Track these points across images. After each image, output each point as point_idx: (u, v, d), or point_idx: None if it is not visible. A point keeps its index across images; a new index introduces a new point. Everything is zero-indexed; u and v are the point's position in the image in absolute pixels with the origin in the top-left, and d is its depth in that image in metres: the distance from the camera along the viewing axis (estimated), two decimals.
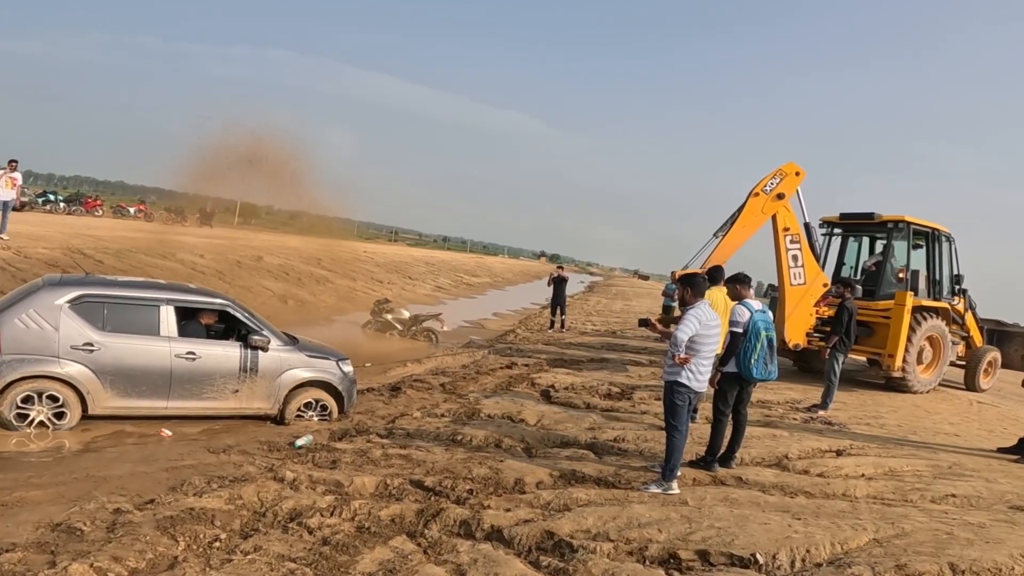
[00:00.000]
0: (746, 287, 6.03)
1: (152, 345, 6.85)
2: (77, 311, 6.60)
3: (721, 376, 5.76)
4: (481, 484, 5.28)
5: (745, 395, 5.96)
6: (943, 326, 11.35)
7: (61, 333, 6.48)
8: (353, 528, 4.49)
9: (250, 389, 7.34)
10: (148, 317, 6.90)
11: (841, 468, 6.03)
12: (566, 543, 4.17)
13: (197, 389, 7.07)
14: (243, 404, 7.35)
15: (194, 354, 7.01)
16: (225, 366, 7.19)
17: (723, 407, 5.81)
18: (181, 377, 6.94)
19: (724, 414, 5.80)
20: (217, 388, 7.17)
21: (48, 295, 6.62)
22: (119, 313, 6.79)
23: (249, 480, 5.31)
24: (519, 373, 10.45)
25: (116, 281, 7.83)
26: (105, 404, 6.71)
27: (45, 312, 6.48)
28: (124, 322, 6.79)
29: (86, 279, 7.59)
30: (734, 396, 5.83)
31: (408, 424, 7.29)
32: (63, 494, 5.10)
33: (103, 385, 6.64)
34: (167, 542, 4.12)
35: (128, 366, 6.73)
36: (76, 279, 7.51)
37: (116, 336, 6.71)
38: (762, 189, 10.97)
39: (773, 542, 4.23)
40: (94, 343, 6.59)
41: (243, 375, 7.26)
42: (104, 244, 16.88)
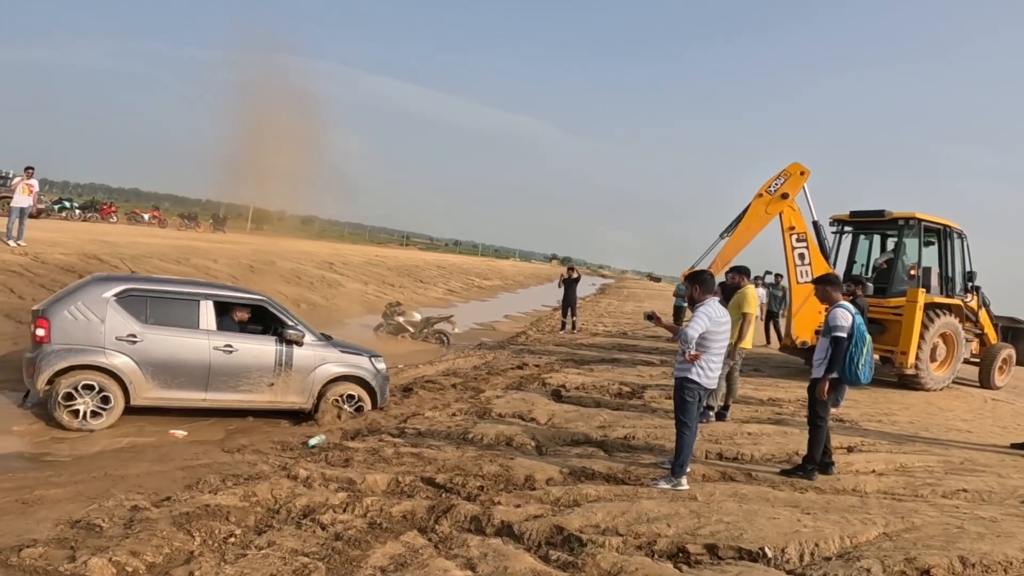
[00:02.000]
0: (837, 289, 5.81)
1: (192, 338, 7.11)
2: (122, 304, 6.89)
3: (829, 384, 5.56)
4: (491, 481, 5.33)
5: (839, 399, 5.92)
6: (956, 323, 11.28)
7: (107, 325, 6.77)
8: (365, 524, 4.54)
9: (285, 383, 7.51)
10: (188, 311, 7.19)
11: (851, 464, 6.02)
12: (575, 537, 4.21)
13: (234, 381, 7.29)
14: (278, 397, 7.55)
15: (231, 347, 7.24)
16: (261, 360, 7.40)
17: (823, 413, 5.62)
18: (219, 369, 7.17)
19: (825, 420, 5.63)
20: (253, 381, 7.38)
21: (96, 289, 6.98)
22: (161, 307, 7.09)
23: (263, 478, 5.39)
24: (530, 373, 10.49)
25: (159, 278, 8.34)
26: (146, 395, 6.95)
27: (93, 304, 6.79)
28: (166, 316, 7.08)
29: (132, 276, 8.08)
30: (832, 401, 5.71)
31: (420, 423, 7.34)
32: (82, 492, 5.19)
33: (145, 376, 6.89)
34: (183, 537, 4.20)
35: (169, 358, 6.99)
36: (123, 276, 8.10)
37: (158, 329, 6.98)
38: (766, 190, 11.32)
39: (782, 536, 4.25)
40: (137, 335, 6.86)
41: (278, 369, 7.46)
42: (119, 250, 17.07)
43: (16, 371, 8.34)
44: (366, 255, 36.07)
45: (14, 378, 8.15)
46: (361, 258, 32.46)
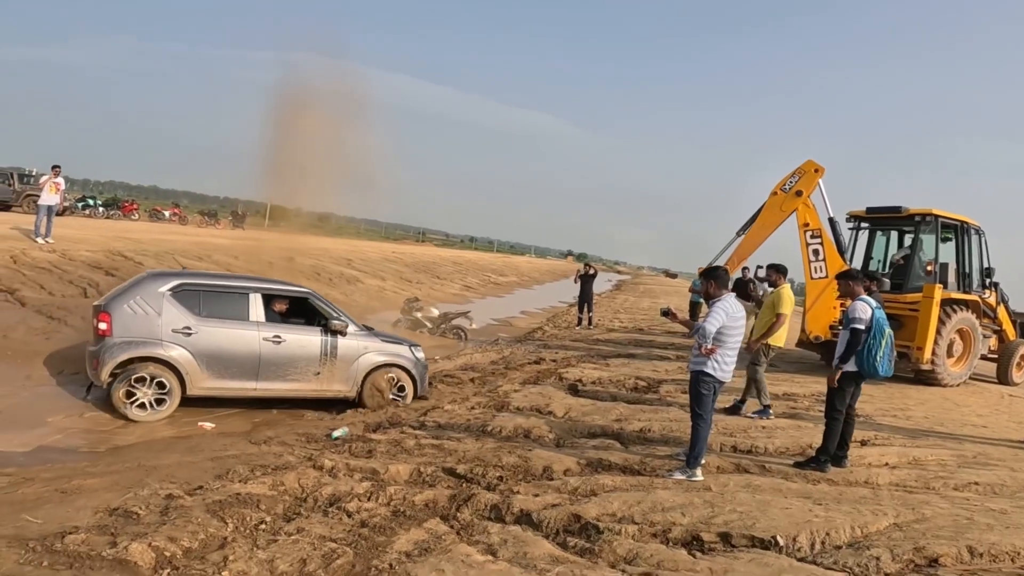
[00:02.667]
0: (858, 283, 5.89)
1: (242, 329, 7.45)
2: (177, 298, 7.25)
3: (841, 374, 5.68)
4: (510, 471, 5.48)
5: (858, 393, 5.92)
6: (973, 319, 11.29)
7: (163, 318, 7.12)
8: (389, 512, 4.71)
9: (330, 372, 7.84)
10: (239, 304, 7.53)
11: (864, 457, 6.12)
12: (592, 525, 4.36)
13: (283, 371, 7.61)
14: (324, 386, 7.86)
15: (280, 338, 7.57)
16: (308, 349, 7.72)
17: (840, 406, 5.72)
18: (268, 359, 7.50)
19: (841, 413, 5.72)
20: (301, 370, 7.70)
21: (152, 283, 7.36)
22: (213, 300, 7.44)
23: (290, 468, 5.58)
24: (547, 368, 10.64)
25: (210, 273, 8.96)
26: (201, 385, 7.27)
27: (150, 299, 7.15)
28: (217, 308, 7.43)
29: (184, 272, 8.63)
30: (850, 394, 5.80)
31: (439, 416, 7.51)
32: (117, 482, 5.41)
33: (200, 366, 7.22)
34: (217, 524, 4.39)
35: (221, 348, 7.33)
36: (175, 271, 8.64)
37: (211, 321, 7.32)
38: (781, 188, 11.57)
39: (794, 525, 4.37)
40: (192, 327, 7.19)
41: (324, 358, 7.79)
42: (143, 247, 17.39)
43: (70, 363, 8.69)
44: (383, 251, 36.35)
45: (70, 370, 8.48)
46: (378, 254, 32.73)
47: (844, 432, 5.78)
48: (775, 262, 7.96)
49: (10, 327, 9.59)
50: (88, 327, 10.61)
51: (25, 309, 10.46)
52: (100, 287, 12.55)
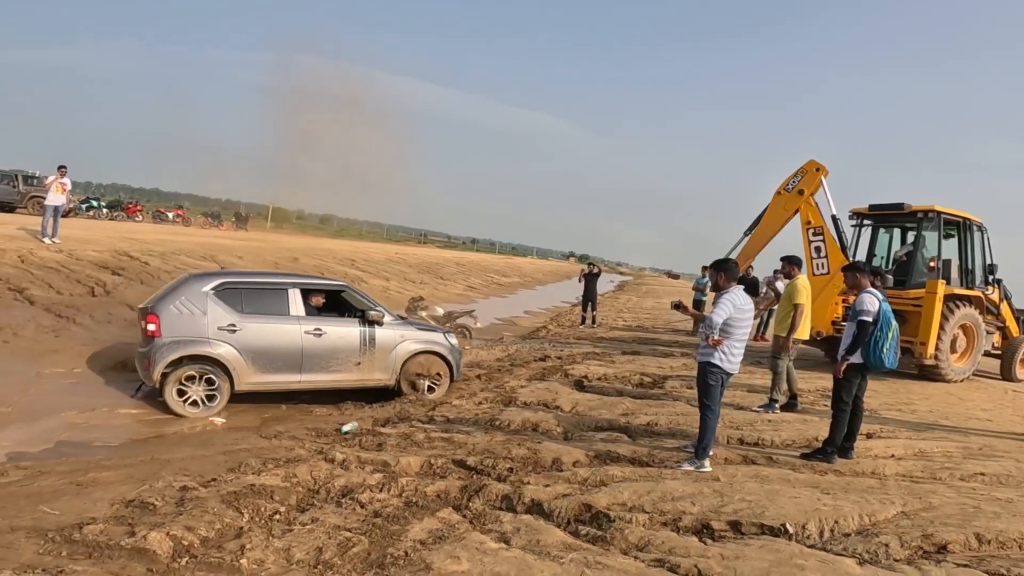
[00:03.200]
0: (865, 276, 5.91)
1: (284, 324, 7.67)
2: (220, 297, 7.46)
3: (847, 366, 5.70)
4: (520, 463, 5.54)
5: (864, 384, 5.93)
6: (976, 315, 11.32)
7: (209, 317, 7.33)
8: (402, 502, 4.77)
9: (370, 361, 8.09)
10: (279, 299, 7.76)
11: (871, 450, 6.16)
12: (603, 514, 4.41)
13: (325, 363, 7.83)
14: (365, 376, 8.11)
15: (321, 330, 7.79)
16: (347, 340, 7.96)
17: (846, 397, 5.75)
18: (311, 352, 7.71)
19: (847, 404, 5.75)
20: (342, 361, 7.93)
21: (196, 284, 7.57)
22: (254, 297, 7.66)
23: (302, 461, 5.64)
24: (552, 365, 10.68)
25: (248, 272, 9.36)
26: (248, 380, 7.48)
27: (195, 299, 7.37)
28: (259, 305, 7.64)
29: (224, 271, 8.94)
30: (856, 386, 5.82)
31: (448, 411, 7.57)
32: (132, 475, 5.47)
33: (246, 362, 7.42)
34: (232, 514, 4.45)
35: (266, 344, 7.53)
36: (216, 271, 8.81)
37: (253, 317, 7.53)
38: (784, 187, 11.89)
39: (803, 513, 4.42)
40: (236, 324, 7.40)
41: (363, 348, 8.04)
42: (149, 247, 17.45)
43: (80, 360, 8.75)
44: (387, 252, 36.43)
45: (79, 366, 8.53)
46: (382, 255, 32.81)
47: (851, 424, 5.82)
48: (790, 254, 8.04)
49: (20, 325, 9.66)
50: (97, 325, 10.74)
51: (34, 308, 10.53)
52: (107, 286, 12.64)
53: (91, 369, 8.69)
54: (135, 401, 7.73)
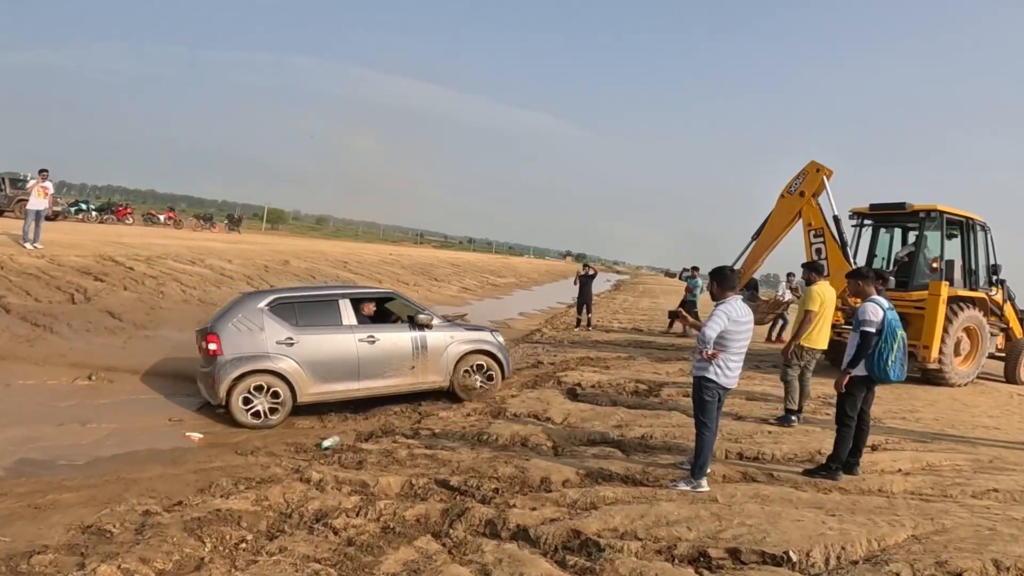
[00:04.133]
0: (869, 283, 5.61)
1: (339, 334, 7.78)
2: (275, 312, 7.61)
3: (849, 379, 5.40)
4: (507, 483, 5.23)
5: (871, 397, 5.63)
6: (980, 316, 11.04)
7: (266, 332, 7.47)
8: (378, 528, 4.46)
9: (424, 364, 8.19)
10: (331, 310, 7.89)
11: (877, 463, 5.85)
12: (593, 542, 4.10)
13: (381, 369, 7.93)
14: (419, 379, 8.21)
15: (374, 338, 7.91)
16: (400, 345, 8.07)
17: (851, 411, 5.45)
18: (366, 359, 7.82)
19: (852, 419, 5.45)
20: (397, 366, 8.03)
21: (250, 301, 7.73)
22: (307, 310, 7.82)
23: (275, 481, 5.34)
24: (545, 372, 10.38)
25: (298, 287, 9.86)
26: (309, 391, 7.58)
27: (251, 316, 7.52)
28: (312, 317, 7.78)
29: (275, 288, 9.22)
30: (862, 399, 5.52)
31: (434, 424, 7.26)
32: (95, 496, 5.17)
33: (306, 374, 7.51)
34: (194, 543, 4.13)
35: (323, 354, 7.64)
36: (267, 289, 9.23)
37: (308, 330, 7.66)
38: (787, 190, 11.75)
39: (807, 539, 4.11)
40: (293, 337, 7.53)
41: (416, 352, 8.14)
42: (135, 251, 17.11)
43: (52, 371, 8.40)
44: (380, 254, 36.09)
45: (50, 377, 8.18)
46: (375, 257, 32.47)
47: (857, 438, 5.51)
48: (811, 261, 7.74)
49: None
50: (74, 334, 10.41)
51: (9, 316, 10.20)
52: (88, 293, 12.31)
53: (64, 381, 8.35)
54: (108, 415, 7.41)
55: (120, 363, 9.46)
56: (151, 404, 8.00)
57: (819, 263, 7.83)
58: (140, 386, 8.65)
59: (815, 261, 7.78)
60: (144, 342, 11.02)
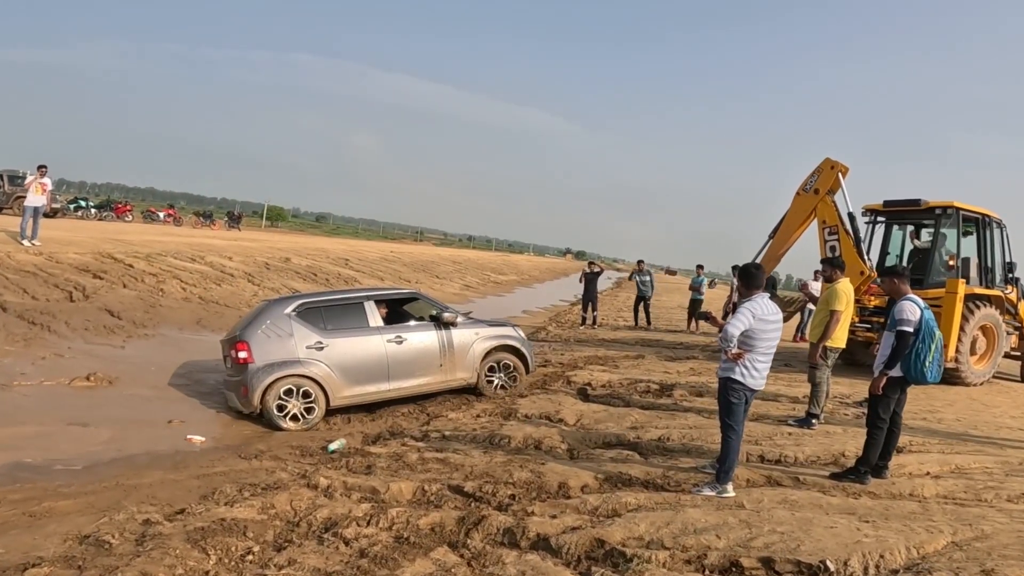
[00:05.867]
0: (904, 281, 5.36)
1: (367, 335, 7.78)
2: (302, 317, 7.59)
3: (887, 381, 5.16)
4: (523, 489, 5.02)
5: (904, 399, 5.40)
6: (997, 315, 10.84)
7: (296, 338, 7.45)
8: (391, 538, 4.25)
9: (451, 362, 8.20)
10: (357, 313, 7.89)
11: (904, 466, 5.64)
12: (618, 552, 3.89)
13: (410, 368, 7.92)
14: (448, 377, 8.21)
15: (402, 338, 7.92)
16: (427, 343, 8.08)
17: (884, 414, 5.22)
18: (395, 360, 7.82)
19: (884, 421, 5.23)
20: (425, 365, 8.04)
21: (277, 308, 7.68)
22: (333, 314, 7.79)
23: (282, 488, 5.12)
24: (553, 371, 10.17)
25: (322, 292, 9.82)
26: (342, 394, 7.55)
27: (279, 322, 7.49)
28: (339, 321, 7.76)
29: (300, 294, 9.15)
30: (895, 402, 5.28)
31: (443, 425, 7.06)
32: (92, 504, 4.96)
33: (337, 377, 7.49)
34: (197, 555, 3.93)
35: (353, 357, 7.62)
36: (292, 295, 9.16)
37: (336, 333, 7.64)
38: (803, 188, 11.54)
39: (843, 547, 3.90)
40: (322, 341, 7.51)
41: (443, 350, 8.15)
42: (134, 248, 16.90)
43: (50, 372, 8.17)
44: (381, 251, 35.88)
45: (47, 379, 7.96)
46: (377, 254, 32.26)
47: (887, 441, 5.29)
48: (832, 256, 7.50)
49: None
50: (72, 332, 10.20)
51: (6, 315, 9.98)
52: (87, 290, 12.10)
53: (62, 382, 8.13)
54: (106, 417, 7.19)
55: (119, 363, 9.26)
56: (151, 406, 7.78)
57: (840, 259, 7.58)
58: (140, 387, 8.42)
59: (837, 256, 7.53)
60: (144, 341, 10.83)
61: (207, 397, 8.31)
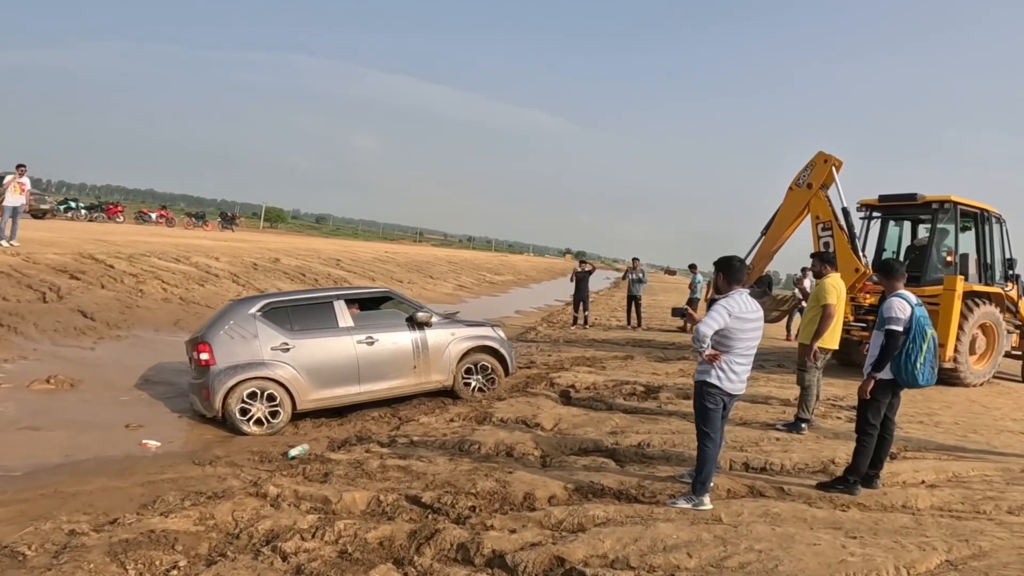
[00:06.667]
0: (898, 278, 4.99)
1: (336, 336, 7.46)
2: (268, 318, 7.28)
3: (875, 384, 4.79)
4: (485, 500, 4.66)
5: (896, 402, 5.04)
6: (997, 313, 10.47)
7: (260, 339, 7.13)
8: (334, 553, 3.91)
9: (426, 363, 7.89)
10: (326, 313, 7.57)
11: (897, 474, 5.28)
12: (578, 572, 3.53)
13: (382, 370, 7.61)
14: (423, 379, 7.91)
15: (372, 338, 7.59)
16: (399, 344, 7.76)
17: (874, 419, 4.84)
18: (366, 361, 7.50)
19: (874, 428, 4.85)
20: (398, 367, 7.72)
21: (241, 308, 7.39)
22: (301, 314, 7.48)
23: (227, 497, 4.78)
24: (537, 373, 9.81)
25: (291, 291, 9.30)
26: (309, 398, 7.24)
27: (243, 322, 7.17)
28: (307, 321, 7.45)
29: (267, 293, 9.01)
30: (886, 406, 4.91)
31: (413, 430, 6.71)
32: (24, 512, 4.62)
33: (304, 379, 7.17)
34: (115, 570, 3.60)
35: (320, 358, 7.31)
36: (258, 295, 8.76)
37: (304, 334, 7.33)
38: (796, 183, 11.12)
39: (826, 568, 3.55)
40: (288, 342, 7.19)
41: (417, 351, 7.84)
42: (117, 248, 16.55)
43: None
44: (376, 251, 35.53)
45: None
46: (371, 254, 31.90)
47: (878, 449, 4.91)
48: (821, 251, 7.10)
49: None
50: (40, 334, 9.85)
51: None
52: (61, 291, 11.76)
53: (22, 384, 7.78)
54: (63, 420, 6.85)
55: (86, 365, 8.92)
56: (111, 409, 7.43)
57: (829, 254, 7.20)
58: (103, 390, 8.07)
59: (826, 252, 7.16)
60: (115, 343, 10.48)
61: (173, 400, 7.96)
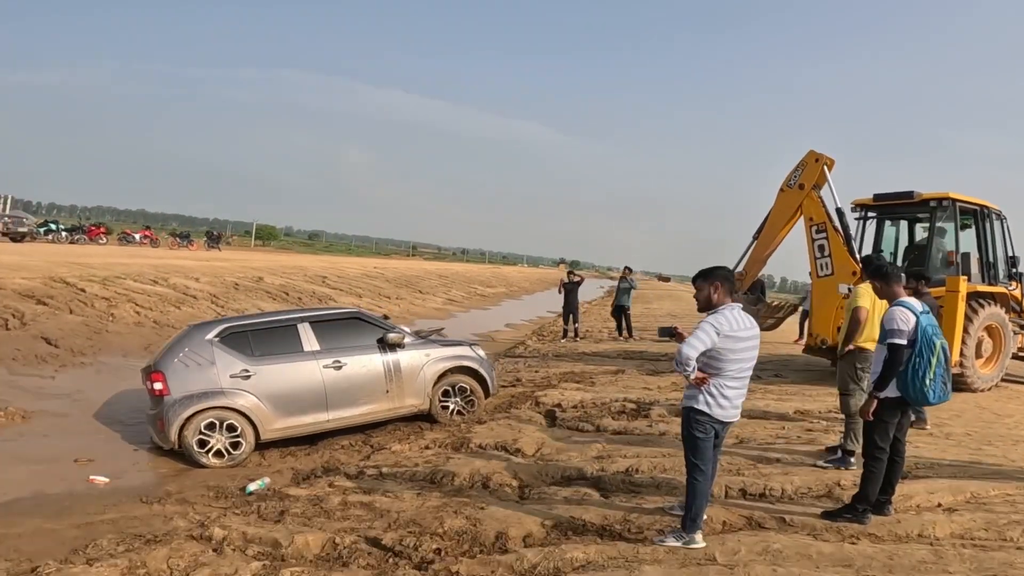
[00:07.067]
0: (896, 283, 4.48)
1: (300, 361, 7.00)
2: (226, 343, 6.81)
3: (878, 404, 4.31)
4: (453, 541, 4.17)
5: (905, 422, 4.53)
6: (1003, 314, 10.04)
7: (218, 366, 6.67)
8: None
9: (399, 387, 7.44)
10: (290, 337, 7.10)
11: (911, 497, 4.79)
12: None
13: (351, 396, 7.16)
14: (396, 404, 7.45)
15: (340, 362, 7.13)
16: (370, 368, 7.30)
17: (882, 442, 4.34)
18: (334, 386, 7.06)
19: (883, 451, 4.35)
20: (369, 391, 7.27)
21: (197, 333, 6.89)
22: (263, 339, 7.00)
23: (166, 541, 4.29)
24: (523, 391, 9.32)
25: (251, 315, 8.98)
26: (273, 427, 6.79)
27: (199, 349, 6.71)
28: (270, 346, 6.98)
29: (226, 318, 8.33)
30: (895, 427, 4.41)
31: (384, 459, 6.21)
32: None
33: (267, 408, 6.72)
34: None
35: (284, 385, 6.85)
36: (217, 319, 8.43)
37: (266, 359, 6.86)
38: (787, 184, 10.69)
39: None
40: (248, 369, 6.73)
41: (389, 374, 7.38)
42: (92, 271, 16.06)
43: None
44: (363, 267, 35.02)
45: None
46: (359, 270, 31.39)
47: (889, 472, 4.42)
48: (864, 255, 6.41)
49: None
50: None
51: None
52: (25, 318, 11.26)
53: None
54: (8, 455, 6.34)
55: (43, 395, 8.41)
56: (63, 442, 6.91)
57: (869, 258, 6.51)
58: (57, 421, 7.57)
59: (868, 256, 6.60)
60: (78, 370, 10.00)
61: (131, 430, 7.45)
